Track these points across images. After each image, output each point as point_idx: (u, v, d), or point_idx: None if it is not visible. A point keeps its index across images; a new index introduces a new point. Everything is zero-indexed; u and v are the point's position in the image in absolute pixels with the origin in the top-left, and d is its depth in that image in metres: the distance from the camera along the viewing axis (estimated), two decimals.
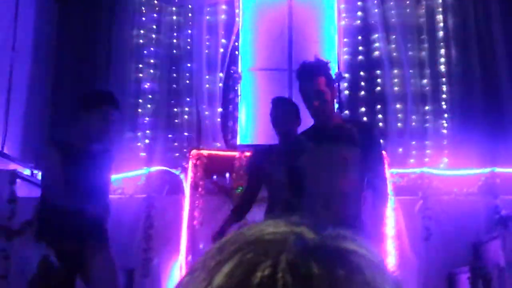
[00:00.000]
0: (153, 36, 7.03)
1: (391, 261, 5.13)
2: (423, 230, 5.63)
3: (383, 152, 3.50)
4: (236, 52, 6.98)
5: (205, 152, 5.79)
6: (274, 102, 4.06)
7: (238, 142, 6.66)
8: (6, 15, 6.07)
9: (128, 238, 5.86)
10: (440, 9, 6.94)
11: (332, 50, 6.99)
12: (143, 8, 7.09)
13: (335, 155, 3.26)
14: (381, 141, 3.47)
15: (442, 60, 6.83)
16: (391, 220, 5.35)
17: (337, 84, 3.73)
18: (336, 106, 3.50)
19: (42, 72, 6.87)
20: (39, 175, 6.26)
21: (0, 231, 4.94)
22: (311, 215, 2.45)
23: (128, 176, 6.41)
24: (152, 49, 6.98)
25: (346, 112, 6.47)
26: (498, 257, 4.95)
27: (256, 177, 3.83)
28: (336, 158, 3.25)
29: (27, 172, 6.01)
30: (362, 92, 6.78)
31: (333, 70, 3.61)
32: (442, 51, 6.85)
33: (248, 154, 4.04)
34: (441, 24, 6.91)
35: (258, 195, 3.94)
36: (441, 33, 6.89)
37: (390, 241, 5.28)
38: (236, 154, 5.64)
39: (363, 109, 6.68)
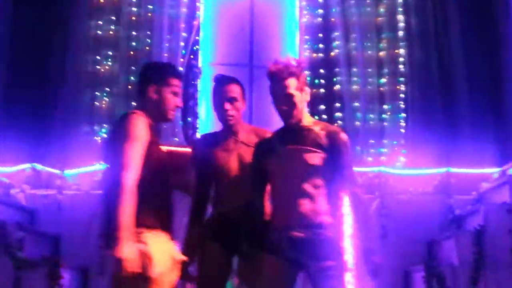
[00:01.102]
0: (112, 27, 6.90)
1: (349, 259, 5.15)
2: (380, 228, 5.69)
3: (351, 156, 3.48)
4: (197, 47, 6.92)
5: (164, 148, 5.69)
6: (217, 80, 3.69)
7: (200, 135, 6.62)
8: None
9: (83, 235, 5.75)
10: (401, 9, 7.02)
11: (293, 47, 6.98)
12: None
13: (300, 158, 3.25)
14: (349, 146, 3.43)
15: (401, 59, 6.90)
16: (349, 219, 5.39)
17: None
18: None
19: None
20: None
21: None
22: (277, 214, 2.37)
23: (84, 172, 6.32)
24: (110, 41, 6.85)
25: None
26: (452, 256, 5.05)
27: (205, 171, 3.68)
28: (301, 161, 3.24)
29: None
30: (321, 90, 6.81)
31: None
32: (402, 50, 6.92)
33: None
34: (401, 24, 7.00)
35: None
36: (401, 33, 6.97)
37: (348, 240, 5.32)
38: None
39: (322, 106, 6.72)
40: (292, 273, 3.26)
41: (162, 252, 2.97)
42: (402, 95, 6.82)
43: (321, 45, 6.95)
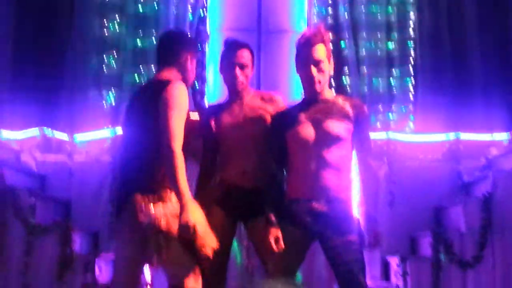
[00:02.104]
0: None
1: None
2: (388, 194, 5.71)
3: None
4: (204, 12, 6.85)
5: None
6: (227, 43, 3.65)
7: (206, 102, 6.61)
8: None
9: (93, 201, 5.83)
10: None
11: (302, 12, 6.90)
12: None
13: (326, 128, 3.23)
14: (369, 118, 3.45)
15: (411, 23, 6.80)
16: (356, 185, 5.41)
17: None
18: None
19: (2, 24, 6.63)
20: (1, 135, 6.14)
21: None
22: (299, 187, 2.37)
23: (93, 139, 6.33)
24: (116, 5, 6.78)
25: None
26: (459, 223, 5.07)
27: (211, 138, 3.68)
28: (328, 132, 3.23)
29: None
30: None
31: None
32: (411, 14, 6.82)
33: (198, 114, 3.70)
34: None
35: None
36: None
37: (355, 205, 5.34)
38: None
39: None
40: (308, 243, 3.29)
41: (202, 221, 3.00)
42: (411, 59, 6.74)
43: (330, 9, 6.84)
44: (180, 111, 3.00)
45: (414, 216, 5.76)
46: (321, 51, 3.24)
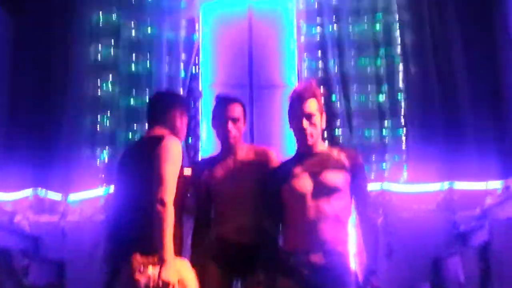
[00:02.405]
0: (111, 52, 6.92)
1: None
2: (385, 246, 5.67)
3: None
4: (197, 69, 6.95)
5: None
6: (219, 99, 3.71)
7: (200, 159, 6.61)
8: None
9: (88, 261, 5.76)
10: (397, 25, 7.02)
11: (292, 67, 7.01)
12: (100, 24, 6.98)
13: (324, 181, 3.24)
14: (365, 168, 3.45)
15: (400, 76, 6.90)
16: (353, 237, 5.38)
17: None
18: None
19: None
20: None
21: None
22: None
23: (87, 198, 6.31)
24: (110, 66, 6.87)
25: None
26: (458, 273, 5.02)
27: (205, 193, 3.67)
28: (326, 184, 3.23)
29: None
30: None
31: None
32: (400, 66, 6.92)
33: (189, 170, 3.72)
34: (398, 40, 6.98)
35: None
36: (398, 49, 6.96)
37: (352, 258, 5.29)
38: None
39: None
40: None
41: (191, 279, 2.97)
42: (402, 111, 6.80)
43: (320, 64, 6.95)
44: (173, 165, 3.03)
45: (412, 267, 5.71)
46: (312, 105, 3.29)
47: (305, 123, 3.27)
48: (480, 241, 4.95)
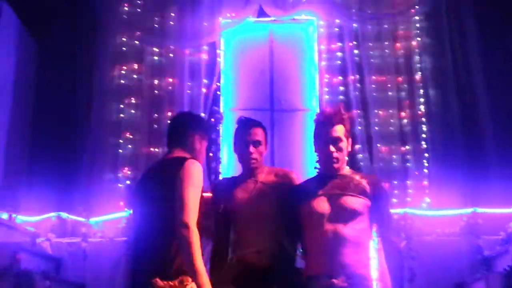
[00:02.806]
0: (134, 77, 7.01)
1: None
2: (407, 270, 5.59)
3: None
4: (218, 92, 6.99)
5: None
6: (241, 122, 3.72)
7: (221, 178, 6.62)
8: None
9: (108, 283, 5.75)
10: (417, 50, 7.03)
11: (313, 91, 7.03)
12: (124, 49, 7.08)
13: (344, 203, 3.23)
14: (389, 194, 3.44)
15: (421, 100, 6.88)
16: (375, 261, 5.32)
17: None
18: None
19: (22, 111, 6.80)
20: (17, 218, 6.17)
21: None
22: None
23: (108, 219, 6.34)
24: (133, 90, 6.95)
25: None
26: None
27: (224, 215, 3.66)
28: (345, 207, 3.22)
29: (4, 216, 5.88)
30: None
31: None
32: (421, 91, 6.91)
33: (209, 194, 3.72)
34: (419, 65, 6.98)
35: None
36: (419, 74, 6.96)
37: (375, 283, 5.23)
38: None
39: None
40: None
41: None
42: (424, 136, 6.77)
43: (341, 88, 6.95)
44: (196, 188, 3.02)
45: None
46: (340, 130, 3.30)
47: (332, 148, 3.27)
48: (504, 266, 4.86)
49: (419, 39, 7.05)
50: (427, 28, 7.06)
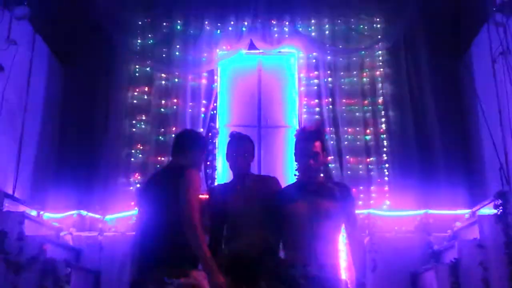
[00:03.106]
0: (145, 97, 6.99)
1: None
2: (370, 262, 5.59)
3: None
4: (215, 111, 6.99)
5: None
6: (233, 136, 3.74)
7: (215, 184, 6.58)
8: (20, 79, 5.98)
9: (120, 270, 5.70)
10: (380, 79, 7.07)
11: (294, 110, 7.05)
12: (136, 74, 7.07)
13: (319, 207, 3.24)
14: (355, 198, 3.46)
15: (383, 120, 6.91)
16: (343, 253, 5.31)
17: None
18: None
19: (50, 126, 6.75)
20: (44, 215, 6.11)
21: (9, 266, 4.74)
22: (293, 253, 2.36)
23: (121, 216, 6.29)
24: (143, 109, 6.93)
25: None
26: (433, 286, 4.93)
27: (218, 214, 3.65)
28: (320, 209, 3.23)
29: (34, 213, 5.83)
30: None
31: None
32: (383, 112, 6.94)
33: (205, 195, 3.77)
34: (381, 91, 7.02)
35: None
36: (381, 98, 6.99)
37: (343, 271, 5.21)
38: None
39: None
40: None
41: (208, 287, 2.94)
42: (385, 149, 6.79)
43: (317, 109, 6.97)
44: (196, 192, 3.02)
45: (393, 280, 5.63)
46: (318, 146, 3.30)
47: (312, 161, 3.27)
48: (451, 259, 4.87)
49: (381, 69, 7.08)
50: (388, 60, 7.11)
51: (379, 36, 7.11)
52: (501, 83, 5.74)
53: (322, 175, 3.54)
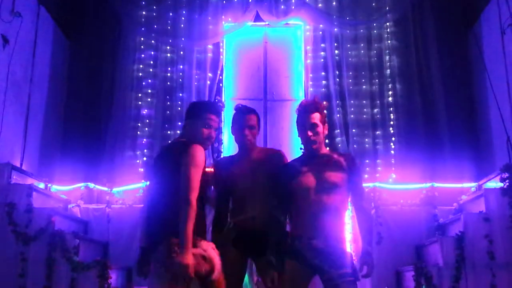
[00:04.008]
0: (150, 70, 6.94)
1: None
2: (376, 234, 5.61)
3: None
4: (220, 84, 6.94)
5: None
6: (238, 109, 3.68)
7: (221, 157, 6.58)
8: (26, 52, 5.94)
9: (128, 241, 5.76)
10: (387, 51, 6.98)
11: (300, 84, 6.99)
12: (142, 46, 7.01)
13: (326, 179, 3.22)
14: (360, 168, 3.44)
15: (390, 93, 6.85)
16: (349, 226, 5.33)
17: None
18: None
19: (56, 99, 6.74)
20: (52, 188, 6.14)
21: (18, 238, 4.79)
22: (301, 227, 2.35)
23: (128, 189, 6.31)
24: (149, 81, 6.89)
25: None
26: (437, 258, 4.95)
27: (224, 187, 3.64)
28: (327, 181, 3.22)
29: (42, 185, 5.86)
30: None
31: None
32: (389, 85, 6.87)
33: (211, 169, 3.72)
34: (388, 63, 6.94)
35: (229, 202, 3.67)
36: (388, 71, 6.92)
37: (349, 244, 5.24)
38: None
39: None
40: (309, 275, 3.22)
41: (218, 259, 2.97)
42: (391, 122, 6.75)
43: (323, 82, 6.91)
44: (197, 168, 3.00)
45: (399, 253, 5.65)
46: (316, 117, 3.29)
47: (310, 132, 3.26)
48: (456, 232, 4.87)
49: (389, 41, 6.98)
50: (396, 33, 7.00)
51: (387, 8, 7.00)
52: (510, 54, 5.65)
53: (328, 148, 3.51)
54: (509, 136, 5.61)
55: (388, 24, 7.02)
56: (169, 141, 3.68)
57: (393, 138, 6.65)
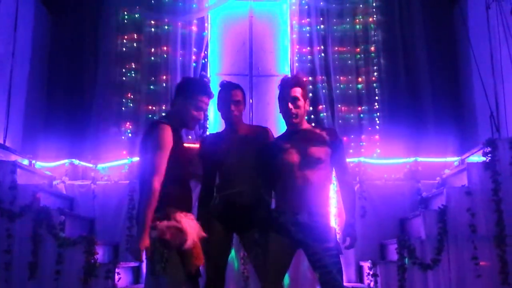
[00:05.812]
0: (134, 45, 6.83)
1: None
2: (360, 208, 5.67)
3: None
4: (206, 60, 6.87)
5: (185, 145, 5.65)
6: (223, 85, 3.66)
7: (207, 134, 6.56)
8: (7, 26, 5.80)
9: (114, 218, 5.75)
10: (373, 26, 6.94)
11: (286, 59, 6.94)
12: (125, 21, 6.89)
13: (309, 154, 3.22)
14: (343, 142, 3.44)
15: (375, 68, 6.84)
16: (334, 200, 5.37)
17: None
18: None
19: (39, 74, 6.63)
20: (36, 164, 6.08)
21: (2, 214, 4.75)
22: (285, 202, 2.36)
23: (113, 165, 6.27)
24: (133, 56, 6.78)
25: None
26: (420, 231, 5.02)
27: (211, 163, 3.63)
28: (310, 156, 3.22)
29: (25, 162, 5.79)
30: (310, 94, 6.73)
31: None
32: (375, 60, 6.86)
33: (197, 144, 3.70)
34: (374, 38, 6.91)
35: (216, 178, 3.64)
36: (373, 46, 6.89)
37: (333, 218, 5.29)
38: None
39: (310, 108, 6.64)
40: (293, 250, 3.24)
41: (192, 228, 2.96)
42: (376, 98, 6.76)
43: (309, 57, 6.87)
44: (160, 151, 2.93)
45: (382, 226, 5.72)
46: (297, 91, 3.28)
47: (291, 105, 3.26)
48: (439, 205, 4.93)
49: (374, 16, 6.94)
50: (381, 7, 6.96)
51: None
52: (494, 28, 5.66)
53: (313, 124, 3.50)
54: (492, 111, 5.65)
55: None
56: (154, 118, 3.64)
57: (378, 114, 6.67)
